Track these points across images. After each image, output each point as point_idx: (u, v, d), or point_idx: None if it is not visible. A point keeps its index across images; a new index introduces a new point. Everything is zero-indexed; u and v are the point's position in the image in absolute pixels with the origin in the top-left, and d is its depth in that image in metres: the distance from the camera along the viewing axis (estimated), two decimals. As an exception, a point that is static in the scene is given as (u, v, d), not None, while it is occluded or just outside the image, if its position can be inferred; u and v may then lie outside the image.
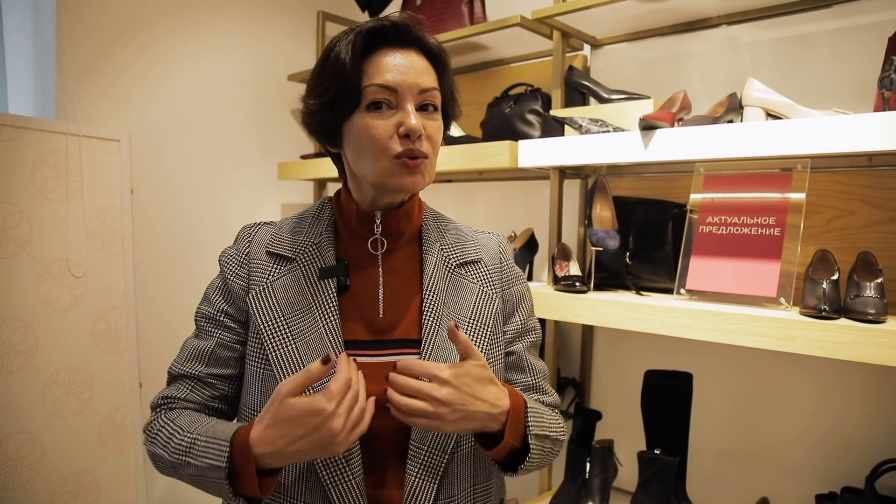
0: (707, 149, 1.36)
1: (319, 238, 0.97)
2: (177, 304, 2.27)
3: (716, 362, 1.73)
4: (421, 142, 0.88)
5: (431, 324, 0.93)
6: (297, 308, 0.92)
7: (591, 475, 1.66)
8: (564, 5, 1.71)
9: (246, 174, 2.54)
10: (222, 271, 0.98)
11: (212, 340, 0.95)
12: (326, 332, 0.90)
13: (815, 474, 1.59)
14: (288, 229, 0.99)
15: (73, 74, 2.00)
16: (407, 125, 0.86)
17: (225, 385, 0.97)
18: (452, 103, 0.98)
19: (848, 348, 1.16)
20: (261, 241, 0.97)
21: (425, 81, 0.90)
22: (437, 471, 0.89)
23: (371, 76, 0.88)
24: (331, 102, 0.90)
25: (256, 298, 0.93)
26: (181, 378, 0.96)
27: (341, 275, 0.94)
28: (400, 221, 0.97)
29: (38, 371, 1.84)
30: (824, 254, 1.40)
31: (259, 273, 0.95)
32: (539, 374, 1.05)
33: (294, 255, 0.95)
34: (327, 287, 0.93)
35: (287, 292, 0.93)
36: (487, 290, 1.00)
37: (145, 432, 0.94)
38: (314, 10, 2.64)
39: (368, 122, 0.88)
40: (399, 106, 0.88)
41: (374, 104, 0.88)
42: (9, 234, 1.80)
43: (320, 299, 0.92)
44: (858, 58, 1.51)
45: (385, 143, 0.87)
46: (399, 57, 0.89)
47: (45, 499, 1.84)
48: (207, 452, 0.82)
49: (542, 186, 2.11)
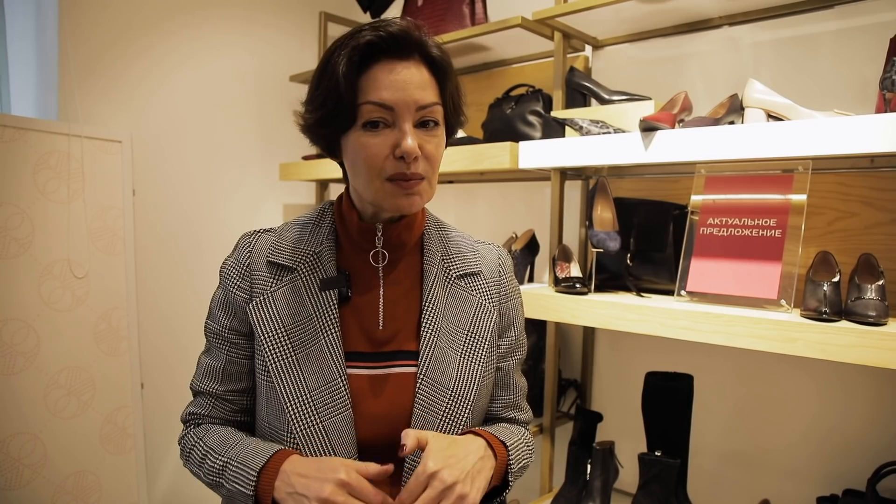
0: (708, 150, 1.36)
1: (320, 247, 0.96)
2: (178, 305, 2.28)
3: (717, 364, 1.73)
4: (417, 163, 0.85)
5: (430, 337, 0.93)
6: (298, 319, 0.91)
7: (592, 477, 1.66)
8: (566, 6, 1.71)
9: (247, 175, 2.54)
10: (223, 283, 0.97)
11: (222, 357, 0.96)
12: (327, 345, 0.90)
13: (817, 476, 1.58)
14: (288, 237, 0.97)
15: (75, 75, 2.01)
16: (403, 147, 0.83)
17: (243, 398, 0.98)
18: (456, 114, 0.94)
19: (849, 351, 1.16)
20: (261, 251, 0.96)
21: (424, 97, 0.86)
22: None
23: (367, 93, 0.84)
24: (326, 118, 0.87)
25: (257, 309, 0.92)
26: (201, 395, 0.99)
27: (342, 286, 0.93)
28: (401, 233, 0.96)
29: (39, 371, 1.84)
30: (825, 255, 1.40)
31: (261, 284, 0.94)
32: (520, 392, 1.07)
33: (295, 264, 0.94)
34: (328, 298, 0.92)
35: (288, 303, 0.92)
36: (486, 303, 1.00)
37: (179, 445, 0.98)
38: (316, 10, 2.64)
39: (364, 142, 0.85)
40: (396, 124, 0.85)
41: (370, 123, 0.85)
42: (10, 234, 1.80)
43: (321, 311, 0.92)
44: (860, 59, 1.50)
45: (379, 164, 0.85)
46: (397, 71, 0.85)
47: (47, 499, 1.84)
48: (237, 478, 0.85)
49: (544, 187, 2.11)
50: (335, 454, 0.87)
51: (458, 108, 0.95)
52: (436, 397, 0.91)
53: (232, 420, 0.98)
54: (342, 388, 0.89)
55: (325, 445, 0.88)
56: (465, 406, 0.92)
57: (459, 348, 0.94)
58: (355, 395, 0.90)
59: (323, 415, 0.88)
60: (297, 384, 0.89)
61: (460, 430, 0.92)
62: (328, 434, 0.88)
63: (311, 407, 0.88)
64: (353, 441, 0.89)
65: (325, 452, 0.87)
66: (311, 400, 0.88)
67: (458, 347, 0.94)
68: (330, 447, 0.88)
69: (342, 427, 0.88)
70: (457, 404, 0.92)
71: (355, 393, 0.90)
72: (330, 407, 0.88)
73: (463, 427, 0.93)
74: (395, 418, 0.91)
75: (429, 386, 0.91)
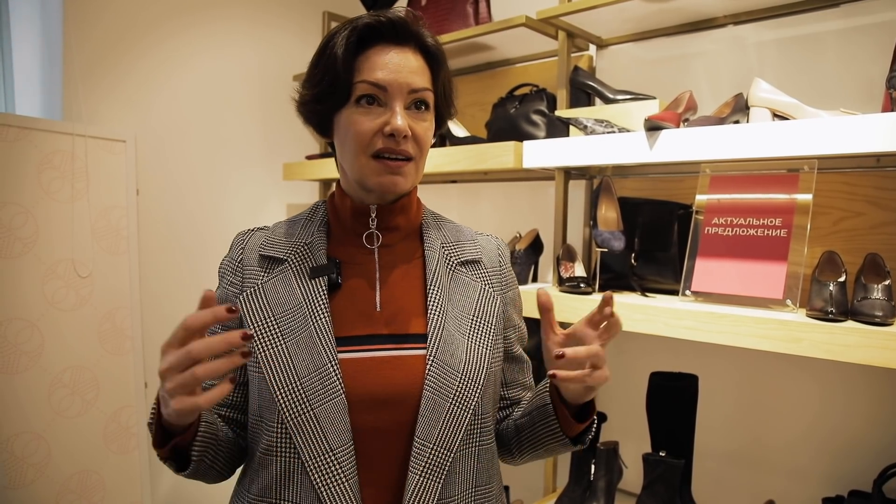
0: (713, 149, 1.35)
1: (311, 238, 0.97)
2: (181, 304, 2.27)
3: (721, 364, 1.72)
4: (406, 142, 0.88)
5: (437, 320, 0.92)
6: (288, 308, 0.91)
7: (596, 477, 1.66)
8: (570, 5, 1.70)
9: (251, 174, 2.54)
10: (220, 281, 0.98)
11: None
12: (316, 330, 0.88)
13: (822, 477, 1.57)
14: (281, 232, 0.99)
15: (79, 75, 2.01)
16: (392, 125, 0.86)
17: (235, 394, 0.97)
18: (446, 103, 0.97)
19: (855, 351, 1.15)
20: (253, 247, 0.97)
21: (417, 81, 0.89)
22: (442, 470, 0.87)
23: (362, 72, 0.88)
24: (322, 94, 0.90)
25: (247, 300, 0.92)
26: None
27: (332, 273, 0.93)
28: (396, 216, 0.97)
29: (43, 371, 1.85)
30: (831, 255, 1.39)
31: (251, 277, 0.94)
32: (530, 369, 1.10)
33: (286, 256, 0.95)
34: (318, 285, 0.92)
35: (278, 293, 0.92)
36: (489, 289, 1.00)
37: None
38: (320, 10, 2.64)
39: (355, 119, 0.88)
40: (388, 105, 0.88)
41: (363, 98, 0.88)
42: (15, 234, 1.81)
43: (310, 297, 0.91)
44: (866, 58, 1.50)
45: (367, 139, 0.88)
46: (393, 55, 0.89)
47: (51, 498, 1.85)
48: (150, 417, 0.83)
49: (548, 187, 2.11)
50: (328, 441, 0.85)
51: (448, 98, 0.98)
52: (446, 380, 0.89)
53: (217, 412, 0.96)
54: (332, 373, 0.86)
55: (316, 433, 0.85)
56: (475, 389, 0.91)
57: (467, 331, 0.94)
58: (350, 380, 0.87)
59: (314, 401, 0.85)
60: (287, 371, 0.87)
61: (469, 413, 0.90)
62: (319, 421, 0.85)
63: (301, 394, 0.86)
64: (346, 428, 0.85)
65: (317, 440, 0.85)
66: (301, 387, 0.86)
67: (465, 331, 0.93)
68: (322, 434, 0.85)
69: (334, 414, 0.85)
70: (467, 387, 0.90)
71: (350, 378, 0.88)
72: (321, 393, 0.86)
73: (472, 411, 0.90)
74: (399, 402, 0.88)
75: (439, 368, 0.89)
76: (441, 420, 0.87)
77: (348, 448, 0.85)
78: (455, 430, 0.88)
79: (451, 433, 0.88)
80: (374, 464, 0.88)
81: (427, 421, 0.87)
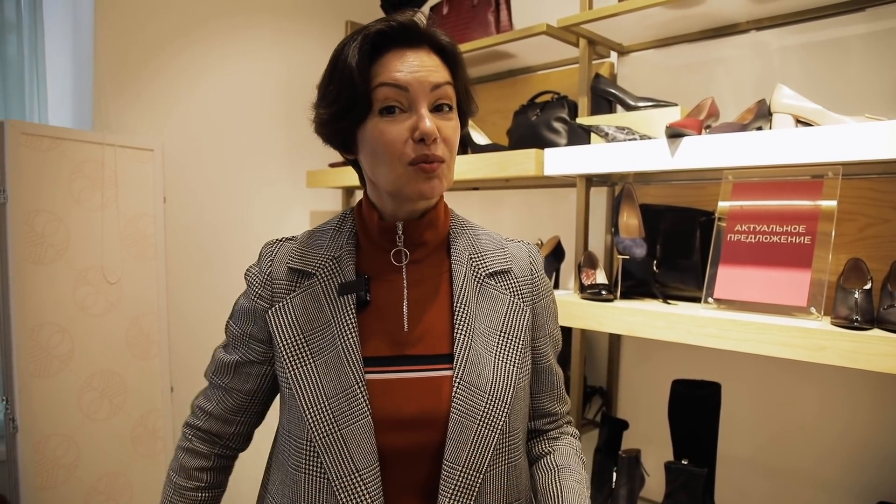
0: (735, 156, 1.35)
1: (340, 251, 0.95)
2: (206, 311, 2.31)
3: (745, 372, 1.71)
4: (436, 145, 0.85)
5: (464, 338, 0.90)
6: (317, 325, 0.90)
7: (618, 485, 1.65)
8: (591, 13, 1.71)
9: (275, 182, 2.58)
10: (248, 291, 0.98)
11: (236, 356, 0.98)
12: (344, 350, 0.88)
13: (849, 488, 1.55)
14: (309, 243, 0.97)
15: (109, 87, 2.06)
16: (421, 129, 0.83)
17: (246, 398, 0.99)
18: (468, 99, 0.94)
19: (881, 359, 1.13)
20: (282, 259, 0.96)
21: (437, 77, 0.86)
22: (473, 491, 0.86)
23: (380, 77, 0.85)
24: (342, 111, 0.87)
25: (275, 316, 0.92)
26: (211, 385, 1.01)
27: (361, 290, 0.91)
28: (424, 231, 0.94)
29: (73, 374, 1.89)
30: (857, 262, 1.37)
31: (280, 291, 0.94)
32: (562, 383, 1.06)
33: (314, 270, 0.93)
34: (346, 303, 0.91)
35: (306, 309, 0.91)
36: (518, 302, 0.97)
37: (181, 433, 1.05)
38: (342, 19, 2.67)
39: (382, 128, 0.85)
40: (412, 108, 0.85)
41: (386, 109, 0.85)
42: (47, 241, 1.85)
43: (338, 315, 0.90)
44: (892, 62, 1.48)
45: (399, 149, 0.85)
46: (409, 56, 0.86)
47: (80, 499, 1.89)
48: None
49: (569, 194, 2.11)
50: (354, 462, 0.85)
51: (469, 94, 0.94)
52: (473, 401, 0.88)
53: (229, 419, 0.99)
54: (359, 395, 0.86)
55: (343, 454, 0.85)
56: (503, 409, 0.90)
57: (494, 349, 0.92)
58: (377, 401, 0.87)
59: (341, 423, 0.85)
60: (315, 391, 0.87)
61: (497, 433, 0.89)
62: (346, 442, 0.85)
63: (329, 415, 0.86)
64: (372, 450, 0.85)
65: (344, 461, 0.85)
66: (329, 408, 0.86)
67: (493, 349, 0.92)
68: (349, 455, 0.85)
69: (360, 435, 0.85)
70: (495, 406, 0.89)
71: (377, 399, 0.87)
72: (348, 415, 0.86)
73: (500, 430, 0.89)
74: (426, 424, 0.88)
75: (465, 389, 0.88)
76: (469, 441, 0.86)
77: (374, 469, 0.85)
78: (483, 451, 0.87)
79: (480, 454, 0.87)
80: (402, 484, 0.88)
81: (455, 443, 0.86)
